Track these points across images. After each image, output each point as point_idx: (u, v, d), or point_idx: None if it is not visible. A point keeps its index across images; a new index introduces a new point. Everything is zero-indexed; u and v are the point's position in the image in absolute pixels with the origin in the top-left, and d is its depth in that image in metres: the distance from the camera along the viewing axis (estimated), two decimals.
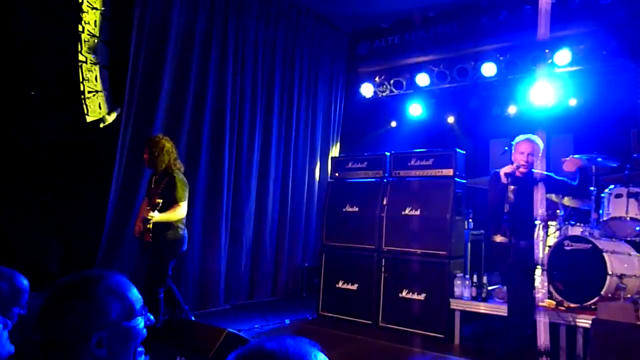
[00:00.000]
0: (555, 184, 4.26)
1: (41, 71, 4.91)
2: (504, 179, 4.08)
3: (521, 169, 4.10)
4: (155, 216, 4.09)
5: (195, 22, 5.86)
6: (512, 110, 7.49)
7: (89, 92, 5.02)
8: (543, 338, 4.04)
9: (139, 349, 1.37)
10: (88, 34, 5.02)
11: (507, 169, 4.13)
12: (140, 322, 1.35)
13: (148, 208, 4.19)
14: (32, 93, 4.80)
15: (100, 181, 5.11)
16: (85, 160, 5.16)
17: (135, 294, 1.36)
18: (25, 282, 2.03)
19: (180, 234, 4.35)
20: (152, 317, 1.39)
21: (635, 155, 5.40)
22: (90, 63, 5.05)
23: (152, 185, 4.42)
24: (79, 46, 4.97)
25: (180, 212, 4.27)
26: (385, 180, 5.62)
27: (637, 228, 4.60)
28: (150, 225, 4.15)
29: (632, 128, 6.32)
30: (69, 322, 1.24)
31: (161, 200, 4.12)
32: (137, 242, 5.24)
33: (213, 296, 6.00)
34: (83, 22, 4.99)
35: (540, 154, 4.14)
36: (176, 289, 4.59)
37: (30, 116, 4.86)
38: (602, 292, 4.14)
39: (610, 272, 4.15)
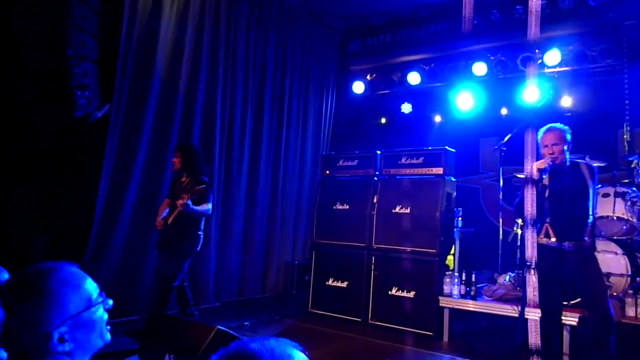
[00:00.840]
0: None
1: (29, 65, 4.85)
2: (536, 175, 3.68)
3: (556, 160, 3.68)
4: (190, 206, 4.22)
5: (186, 17, 5.81)
6: (502, 109, 7.53)
7: (77, 87, 4.96)
8: (534, 337, 4.08)
9: (105, 331, 1.33)
10: (77, 28, 4.96)
11: (540, 163, 3.70)
12: (99, 309, 1.31)
13: (179, 200, 4.27)
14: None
15: (89, 177, 5.06)
16: (74, 155, 5.10)
17: (90, 283, 1.31)
18: (6, 275, 1.99)
19: (199, 234, 4.53)
20: (110, 301, 1.35)
21: (622, 155, 5.47)
22: (79, 58, 4.99)
23: (179, 186, 4.58)
24: (68, 40, 4.91)
25: (209, 207, 4.52)
26: (375, 179, 5.63)
27: (624, 227, 4.67)
28: (173, 216, 4.34)
29: (620, 129, 6.40)
30: (25, 326, 1.18)
31: (188, 196, 4.25)
32: (127, 239, 5.23)
33: (203, 293, 5.98)
34: (72, 16, 4.92)
35: (569, 140, 3.75)
36: (189, 290, 4.68)
37: (18, 111, 4.80)
38: None
39: None
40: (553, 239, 3.70)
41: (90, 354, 1.30)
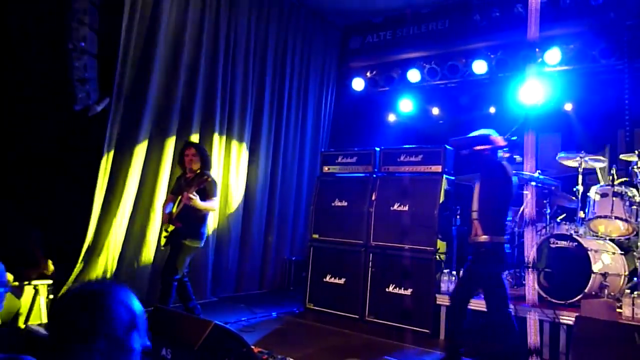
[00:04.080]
0: None
1: (29, 59, 4.83)
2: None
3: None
4: (197, 200, 4.26)
5: (187, 12, 5.79)
6: (501, 108, 7.51)
7: (77, 80, 4.95)
8: (533, 336, 4.09)
9: None
10: (77, 22, 4.94)
11: None
12: (136, 338, 1.37)
13: (185, 193, 4.30)
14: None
15: (87, 171, 5.05)
16: (73, 149, 5.10)
17: (137, 306, 1.39)
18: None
19: (202, 230, 4.56)
20: (148, 342, 1.42)
21: (621, 155, 5.46)
22: (79, 51, 4.97)
23: (183, 182, 4.62)
24: (68, 34, 4.90)
25: (216, 203, 4.58)
26: (374, 176, 5.63)
27: (622, 227, 4.67)
28: (179, 209, 4.38)
29: (619, 128, 6.40)
30: (76, 327, 1.29)
31: (194, 189, 4.30)
32: (125, 235, 5.23)
33: (200, 288, 5.98)
34: (73, 10, 4.91)
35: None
36: (190, 285, 4.70)
37: (17, 104, 4.79)
38: (586, 290, 4.21)
39: (594, 270, 4.22)
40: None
41: None
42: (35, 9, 4.80)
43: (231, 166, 6.48)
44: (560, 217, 5.25)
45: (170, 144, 5.63)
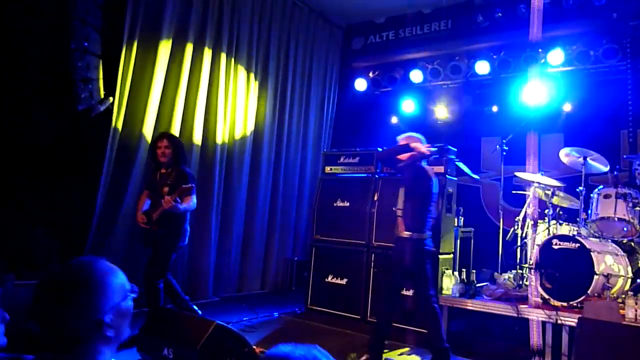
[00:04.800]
0: None
1: (32, 59, 4.85)
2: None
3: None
4: (177, 205, 4.11)
5: (190, 12, 5.80)
6: (504, 108, 7.49)
7: (80, 80, 4.96)
8: (536, 338, 4.09)
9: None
10: (80, 22, 4.95)
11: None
12: (130, 299, 1.39)
13: (166, 198, 4.13)
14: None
15: (90, 171, 5.06)
16: (76, 149, 5.10)
17: (122, 274, 1.39)
18: None
19: (184, 227, 4.43)
20: (136, 287, 1.43)
21: (625, 156, 5.45)
22: (82, 51, 4.98)
23: (158, 178, 4.42)
24: (71, 34, 4.91)
25: (194, 201, 4.37)
26: (376, 176, 5.62)
27: (625, 228, 4.66)
28: (158, 213, 4.21)
29: (623, 129, 6.39)
30: (80, 313, 1.26)
31: (169, 190, 4.18)
32: (127, 234, 5.23)
33: (202, 288, 5.99)
34: (76, 10, 4.92)
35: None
36: (174, 281, 4.59)
37: (20, 104, 4.80)
38: (589, 291, 4.19)
39: (597, 272, 4.20)
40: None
41: (119, 342, 1.37)
42: (39, 9, 4.81)
43: (233, 166, 6.48)
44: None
45: None
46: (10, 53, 4.71)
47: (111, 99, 5.15)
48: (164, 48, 5.51)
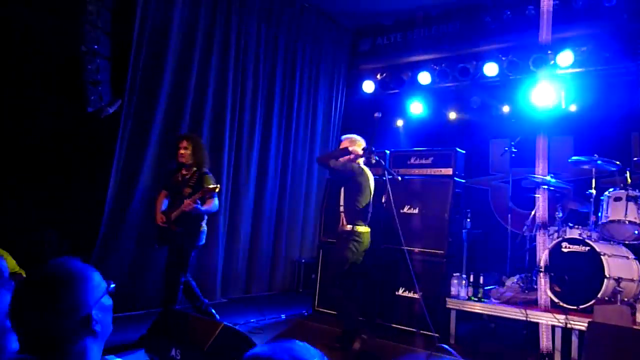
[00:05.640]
0: None
1: (43, 61, 4.90)
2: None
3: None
4: (199, 207, 4.21)
5: (198, 16, 5.83)
6: (513, 110, 7.45)
7: (90, 82, 5.01)
8: (545, 342, 4.05)
9: None
10: (90, 25, 5.00)
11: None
12: (108, 296, 1.38)
13: (186, 201, 4.22)
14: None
15: (99, 172, 5.10)
16: (85, 151, 5.15)
17: (97, 273, 1.37)
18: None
19: (204, 228, 4.51)
20: (113, 285, 1.42)
21: (635, 158, 5.40)
22: (92, 54, 5.03)
23: (180, 179, 4.49)
24: (81, 37, 4.95)
25: (216, 204, 4.48)
26: (384, 178, 5.60)
27: (636, 232, 4.60)
28: (177, 213, 4.28)
29: (633, 131, 6.33)
30: (67, 311, 1.24)
31: (191, 191, 4.27)
32: (136, 235, 5.26)
33: (210, 289, 6.00)
34: (86, 13, 4.96)
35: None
36: (194, 282, 4.65)
37: (31, 106, 4.85)
38: (599, 295, 4.14)
39: (607, 275, 4.15)
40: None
41: (105, 339, 1.37)
42: (49, 12, 4.86)
43: (241, 168, 6.50)
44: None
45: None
46: (22, 56, 4.76)
47: (120, 101, 5.19)
48: (173, 50, 5.54)
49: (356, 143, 4.57)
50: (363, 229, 4.41)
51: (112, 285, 1.41)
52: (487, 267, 5.81)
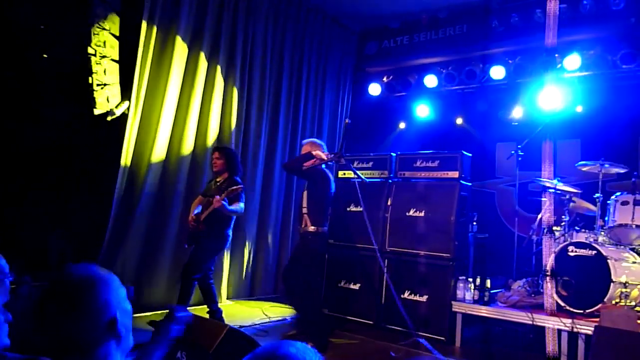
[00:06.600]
0: None
1: (50, 63, 4.94)
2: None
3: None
4: (226, 205, 4.46)
5: (204, 19, 5.86)
6: (519, 114, 7.43)
7: (97, 85, 5.04)
8: (551, 346, 4.03)
9: None
10: (98, 27, 5.04)
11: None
12: (128, 302, 1.39)
13: (216, 197, 4.49)
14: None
15: (106, 174, 5.13)
16: (92, 153, 5.18)
17: (117, 277, 1.39)
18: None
19: (227, 233, 4.83)
20: (132, 288, 1.45)
21: None
22: (100, 56, 5.07)
23: (213, 186, 4.86)
24: (89, 39, 4.99)
25: (242, 206, 4.79)
26: (390, 181, 5.61)
27: None
28: (207, 213, 4.59)
29: None
30: (95, 314, 1.26)
31: (224, 196, 4.50)
32: (142, 238, 5.28)
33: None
34: (93, 16, 5.00)
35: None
36: (214, 287, 4.89)
37: (38, 108, 4.89)
38: (606, 299, 4.12)
39: (614, 279, 4.13)
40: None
41: (128, 345, 1.37)
42: (56, 14, 4.90)
43: (247, 170, 6.51)
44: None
45: (187, 147, 5.69)
46: (28, 58, 4.80)
47: (127, 103, 5.22)
48: (179, 52, 5.56)
49: (318, 147, 4.84)
50: (324, 229, 4.75)
51: (131, 290, 1.43)
52: (494, 271, 5.79)
